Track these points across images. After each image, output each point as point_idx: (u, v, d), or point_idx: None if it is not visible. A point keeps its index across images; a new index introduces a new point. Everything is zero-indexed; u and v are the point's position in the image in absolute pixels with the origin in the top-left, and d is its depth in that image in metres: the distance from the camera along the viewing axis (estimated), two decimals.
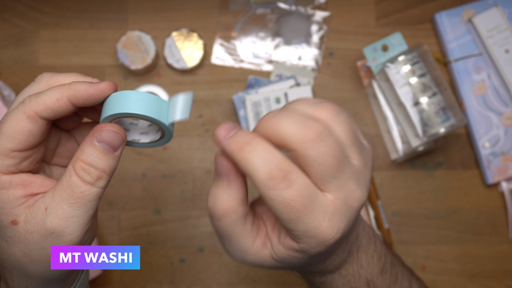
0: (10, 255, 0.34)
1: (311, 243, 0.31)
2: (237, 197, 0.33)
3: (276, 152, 0.30)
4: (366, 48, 0.68)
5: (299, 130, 0.30)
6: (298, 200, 0.30)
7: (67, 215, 0.32)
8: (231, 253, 0.35)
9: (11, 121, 0.32)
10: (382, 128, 0.71)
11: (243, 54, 0.73)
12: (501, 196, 0.71)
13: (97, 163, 0.32)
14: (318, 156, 0.30)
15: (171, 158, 0.71)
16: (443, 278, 0.70)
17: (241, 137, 0.31)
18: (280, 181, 0.30)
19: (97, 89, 0.32)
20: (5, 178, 0.32)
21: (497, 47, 0.70)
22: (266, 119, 0.31)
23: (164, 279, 0.70)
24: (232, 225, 0.33)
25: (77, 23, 0.73)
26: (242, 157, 0.30)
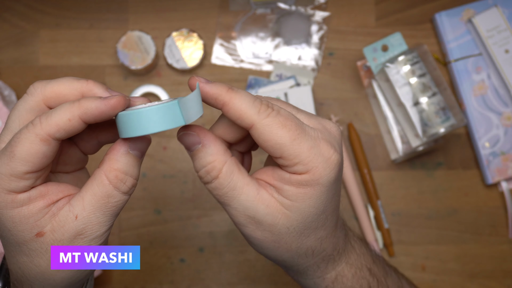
0: (33, 268, 0.34)
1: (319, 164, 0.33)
2: (220, 149, 0.34)
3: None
4: (366, 48, 0.68)
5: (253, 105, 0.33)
6: (291, 121, 0.33)
7: (100, 222, 0.33)
8: (237, 212, 0.35)
9: (24, 144, 0.31)
10: (382, 128, 0.71)
11: (243, 54, 0.73)
12: (501, 196, 0.71)
13: (132, 171, 0.33)
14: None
15: (171, 158, 0.71)
16: (443, 278, 0.70)
17: (221, 84, 0.34)
18: (271, 110, 0.33)
19: (108, 106, 0.32)
20: (22, 195, 0.32)
21: (497, 47, 0.70)
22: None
23: (164, 279, 0.70)
24: (228, 175, 0.34)
25: (77, 23, 0.73)
26: (231, 96, 0.33)
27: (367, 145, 0.72)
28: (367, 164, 0.70)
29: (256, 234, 0.35)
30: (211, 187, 0.35)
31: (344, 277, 0.40)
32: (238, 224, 0.35)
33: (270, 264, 0.70)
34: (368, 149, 0.72)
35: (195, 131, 0.34)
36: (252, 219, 0.34)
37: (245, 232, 0.36)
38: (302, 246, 0.36)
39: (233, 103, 0.33)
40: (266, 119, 0.33)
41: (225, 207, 0.35)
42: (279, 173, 0.34)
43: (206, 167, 0.34)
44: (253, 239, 0.36)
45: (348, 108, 0.72)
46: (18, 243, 0.33)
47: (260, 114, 0.33)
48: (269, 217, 0.34)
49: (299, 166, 0.33)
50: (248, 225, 0.35)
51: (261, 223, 0.34)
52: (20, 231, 0.32)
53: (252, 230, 0.35)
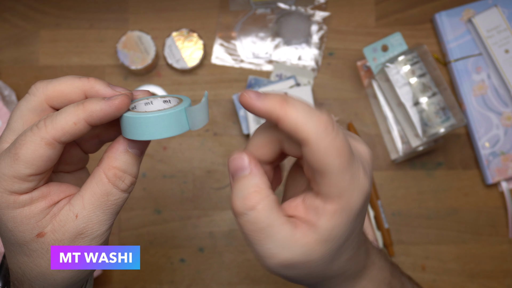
0: (33, 268, 0.34)
1: (353, 192, 0.31)
2: (265, 182, 0.32)
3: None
4: (366, 48, 0.68)
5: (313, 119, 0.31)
6: (346, 148, 0.30)
7: (100, 221, 0.33)
8: (270, 254, 0.32)
9: (29, 147, 0.31)
10: (382, 128, 0.71)
11: (243, 54, 0.73)
12: (501, 196, 0.71)
13: (131, 169, 0.33)
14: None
15: (171, 158, 0.71)
16: (443, 278, 0.70)
17: (275, 96, 0.31)
18: (332, 129, 0.30)
19: (113, 107, 0.31)
20: (24, 196, 0.32)
21: (497, 47, 0.70)
22: None
23: (164, 279, 0.70)
24: (267, 211, 0.32)
25: (77, 23, 0.73)
26: (286, 111, 0.30)
27: (367, 145, 0.72)
28: None
29: (291, 273, 0.33)
30: (245, 220, 0.32)
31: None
32: (271, 267, 0.33)
33: None
34: None
35: (248, 156, 0.33)
36: (287, 261, 0.32)
37: (278, 272, 0.33)
38: (330, 271, 0.35)
39: (288, 117, 0.30)
40: (324, 140, 0.30)
41: (256, 246, 0.32)
42: (311, 204, 0.32)
43: (246, 195, 0.32)
44: (285, 277, 0.34)
45: (348, 108, 0.72)
46: (19, 243, 0.33)
47: (319, 132, 0.30)
48: (304, 256, 0.32)
49: (336, 190, 0.31)
50: (281, 268, 0.33)
51: (295, 265, 0.32)
52: (21, 231, 0.32)
53: (288, 271, 0.33)
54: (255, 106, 0.31)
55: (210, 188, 0.71)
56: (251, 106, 0.31)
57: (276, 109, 0.30)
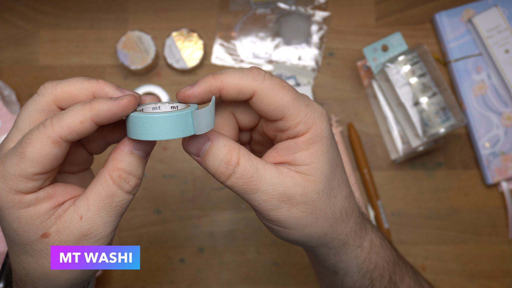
0: (37, 268, 0.34)
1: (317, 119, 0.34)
2: (229, 139, 0.35)
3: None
4: (366, 48, 0.68)
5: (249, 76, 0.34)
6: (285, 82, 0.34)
7: (105, 222, 0.33)
8: (267, 195, 0.34)
9: (35, 146, 0.31)
10: (382, 128, 0.71)
11: (243, 54, 0.73)
12: (501, 196, 0.71)
13: (136, 171, 0.33)
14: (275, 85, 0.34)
15: (171, 158, 0.71)
16: (443, 278, 0.70)
17: (204, 77, 0.34)
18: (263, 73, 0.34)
19: (120, 107, 0.32)
20: (30, 196, 0.32)
21: (497, 47, 0.70)
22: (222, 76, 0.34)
23: (164, 279, 0.70)
24: (248, 160, 0.34)
25: (77, 23, 0.73)
26: (221, 79, 0.33)
27: (367, 145, 0.72)
28: (367, 164, 0.70)
29: (293, 213, 0.34)
30: (235, 178, 0.34)
31: (376, 245, 0.40)
32: (271, 209, 0.34)
33: (270, 264, 0.70)
34: (368, 149, 0.72)
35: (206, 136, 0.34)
36: (284, 196, 0.34)
37: (280, 215, 0.35)
38: (336, 209, 0.36)
39: (226, 83, 0.33)
40: (264, 83, 0.33)
41: (253, 195, 0.34)
42: (284, 147, 0.35)
43: (224, 159, 0.34)
44: (290, 220, 0.35)
45: (348, 108, 0.72)
46: (23, 243, 0.33)
47: (256, 79, 0.33)
48: (299, 187, 0.34)
49: (301, 125, 0.34)
50: (282, 205, 0.34)
51: (293, 197, 0.34)
52: (26, 231, 0.33)
53: (288, 209, 0.34)
54: (195, 93, 0.33)
55: (210, 188, 0.71)
56: (191, 95, 0.33)
57: (212, 84, 0.33)
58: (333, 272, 0.41)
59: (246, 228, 0.70)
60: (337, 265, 0.39)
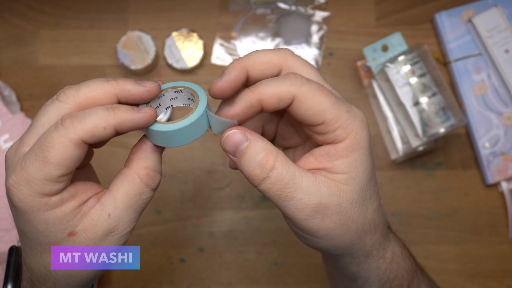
0: None
1: (357, 126, 0.34)
2: (268, 142, 0.34)
3: None
4: (366, 48, 0.68)
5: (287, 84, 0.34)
6: (324, 87, 0.34)
7: (131, 219, 0.34)
8: (302, 204, 0.33)
9: (58, 149, 0.31)
10: (382, 128, 0.71)
11: (243, 54, 0.73)
12: (501, 196, 0.71)
13: (159, 167, 0.35)
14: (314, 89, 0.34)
15: (171, 158, 0.71)
16: (443, 278, 0.70)
17: (241, 96, 0.34)
18: (299, 78, 0.33)
19: (143, 120, 0.33)
20: (56, 198, 0.33)
21: (497, 47, 0.70)
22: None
23: (164, 279, 0.70)
24: (285, 165, 0.33)
25: (77, 23, 0.73)
26: (258, 91, 0.33)
27: None
28: None
29: (325, 223, 0.34)
30: (270, 182, 0.33)
31: (397, 255, 0.40)
32: (304, 219, 0.33)
33: (270, 264, 0.70)
34: None
35: (240, 129, 0.34)
36: (319, 206, 0.33)
37: (312, 226, 0.34)
38: (366, 220, 0.36)
39: (265, 93, 0.33)
40: (302, 87, 0.33)
41: (287, 203, 0.33)
42: (323, 153, 0.34)
43: (260, 162, 0.33)
44: (321, 231, 0.34)
45: None
46: (49, 243, 0.34)
47: (294, 84, 0.33)
48: (334, 197, 0.33)
49: (340, 131, 0.33)
50: (315, 215, 0.33)
51: (328, 208, 0.33)
52: (53, 232, 0.33)
53: (321, 220, 0.33)
54: (237, 111, 0.34)
55: (210, 188, 0.71)
56: (234, 115, 0.34)
57: (252, 98, 0.33)
58: (351, 279, 0.40)
59: (246, 228, 0.70)
60: (358, 274, 0.39)
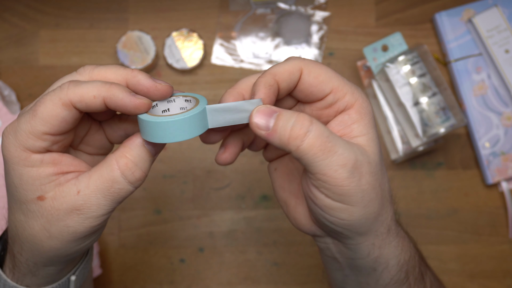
0: (26, 229, 0.35)
1: (359, 95, 0.36)
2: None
3: None
4: (366, 48, 0.68)
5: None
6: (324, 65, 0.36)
7: (99, 203, 0.34)
8: (344, 159, 0.33)
9: (47, 105, 0.33)
10: (382, 128, 0.71)
11: (243, 54, 0.73)
12: (501, 196, 0.71)
13: (143, 164, 0.34)
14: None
15: (171, 158, 0.71)
16: (443, 278, 0.70)
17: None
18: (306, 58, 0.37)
19: (132, 104, 0.33)
20: (36, 156, 0.33)
21: (497, 47, 0.70)
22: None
23: (164, 279, 0.70)
24: (321, 124, 0.33)
25: (77, 23, 0.73)
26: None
27: None
28: None
29: (362, 184, 0.34)
30: (313, 137, 0.32)
31: (405, 234, 0.41)
32: (346, 177, 0.33)
33: (270, 264, 0.70)
34: None
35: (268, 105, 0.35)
36: (356, 162, 0.33)
37: (352, 186, 0.33)
38: (386, 187, 0.37)
39: (277, 71, 0.35)
40: (307, 61, 0.35)
41: (330, 159, 0.33)
42: (338, 122, 0.36)
43: (297, 119, 0.33)
44: (359, 193, 0.34)
45: None
46: (20, 201, 0.34)
47: (300, 60, 0.36)
48: (365, 156, 0.34)
49: (349, 96, 0.35)
50: (355, 173, 0.33)
51: (362, 166, 0.34)
52: (25, 190, 0.34)
53: (358, 179, 0.33)
54: (261, 95, 0.34)
55: (210, 188, 0.71)
56: (265, 98, 0.35)
57: (268, 79, 0.35)
58: (369, 270, 0.40)
59: (246, 228, 0.70)
60: (379, 260, 0.39)
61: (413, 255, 0.41)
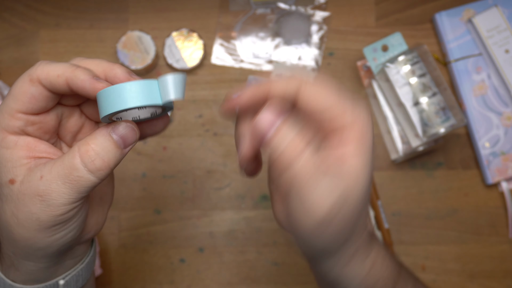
0: (1, 214, 0.35)
1: (361, 116, 0.34)
2: (296, 126, 0.34)
3: None
4: (366, 48, 0.68)
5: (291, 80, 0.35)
6: (329, 82, 0.35)
7: (59, 191, 0.33)
8: (327, 193, 0.32)
9: (18, 82, 0.33)
10: (382, 128, 0.71)
11: (243, 54, 0.73)
12: (501, 196, 0.71)
13: (105, 154, 0.33)
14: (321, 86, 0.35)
15: (171, 158, 0.71)
16: (443, 278, 0.70)
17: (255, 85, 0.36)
18: (307, 79, 0.35)
19: (91, 87, 0.32)
20: (11, 138, 0.33)
21: (497, 47, 0.70)
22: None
23: (164, 279, 0.70)
24: (313, 154, 0.33)
25: (77, 23, 0.73)
26: (270, 88, 0.35)
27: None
28: None
29: (341, 215, 0.33)
30: (297, 169, 0.32)
31: (380, 257, 0.39)
32: (328, 207, 0.32)
33: (270, 264, 0.70)
34: None
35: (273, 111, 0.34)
36: (342, 194, 0.32)
37: (331, 216, 0.32)
38: (366, 210, 0.36)
39: (275, 89, 0.34)
40: (309, 84, 0.34)
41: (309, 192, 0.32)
42: (336, 142, 0.34)
43: (288, 146, 0.33)
44: (337, 222, 0.33)
45: None
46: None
47: (302, 82, 0.34)
48: (347, 192, 0.32)
49: (348, 115, 0.33)
50: (335, 205, 0.32)
51: (349, 197, 0.32)
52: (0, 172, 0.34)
53: (341, 209, 0.32)
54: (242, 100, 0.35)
55: (210, 188, 0.71)
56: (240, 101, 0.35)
57: (262, 89, 0.34)
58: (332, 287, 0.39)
59: (246, 228, 0.70)
60: (339, 279, 0.38)
61: (385, 276, 0.40)
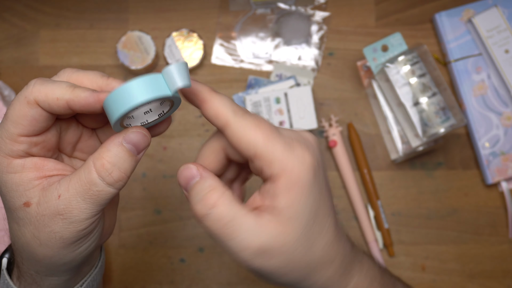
0: (20, 237, 0.34)
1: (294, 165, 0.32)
2: (218, 181, 0.34)
3: None
4: (366, 48, 0.68)
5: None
6: (265, 123, 0.33)
7: (80, 207, 0.32)
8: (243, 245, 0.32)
9: (15, 106, 0.32)
10: (382, 128, 0.71)
11: (243, 54, 0.73)
12: (501, 196, 0.71)
13: (121, 164, 0.33)
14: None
15: (171, 158, 0.71)
16: (443, 278, 0.70)
17: (205, 85, 0.36)
18: (248, 114, 0.34)
19: (96, 100, 0.32)
20: (17, 162, 0.33)
21: (497, 47, 0.70)
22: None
23: (164, 279, 0.70)
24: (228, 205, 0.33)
25: (77, 23, 0.73)
26: (212, 96, 0.34)
27: (367, 145, 0.72)
28: (367, 164, 0.70)
29: (270, 264, 0.33)
30: (210, 220, 0.33)
31: (364, 282, 0.38)
32: (247, 259, 0.33)
33: None
34: (368, 149, 0.72)
35: (195, 165, 0.35)
36: (261, 247, 0.32)
37: (256, 265, 0.33)
38: (313, 258, 0.34)
39: (212, 102, 0.33)
40: (240, 120, 0.33)
41: (227, 243, 0.33)
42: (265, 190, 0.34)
43: (204, 198, 0.33)
44: (266, 271, 0.34)
45: (348, 108, 0.72)
46: (10, 209, 0.34)
47: (236, 115, 0.33)
48: (276, 240, 0.33)
49: (275, 165, 0.32)
50: (258, 256, 0.33)
51: (271, 249, 0.33)
52: (12, 197, 0.33)
53: (264, 260, 0.33)
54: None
55: None
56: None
57: (203, 93, 0.34)
58: None
59: None
60: None
61: None
